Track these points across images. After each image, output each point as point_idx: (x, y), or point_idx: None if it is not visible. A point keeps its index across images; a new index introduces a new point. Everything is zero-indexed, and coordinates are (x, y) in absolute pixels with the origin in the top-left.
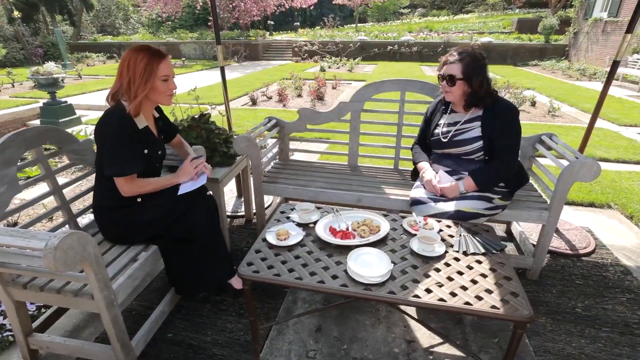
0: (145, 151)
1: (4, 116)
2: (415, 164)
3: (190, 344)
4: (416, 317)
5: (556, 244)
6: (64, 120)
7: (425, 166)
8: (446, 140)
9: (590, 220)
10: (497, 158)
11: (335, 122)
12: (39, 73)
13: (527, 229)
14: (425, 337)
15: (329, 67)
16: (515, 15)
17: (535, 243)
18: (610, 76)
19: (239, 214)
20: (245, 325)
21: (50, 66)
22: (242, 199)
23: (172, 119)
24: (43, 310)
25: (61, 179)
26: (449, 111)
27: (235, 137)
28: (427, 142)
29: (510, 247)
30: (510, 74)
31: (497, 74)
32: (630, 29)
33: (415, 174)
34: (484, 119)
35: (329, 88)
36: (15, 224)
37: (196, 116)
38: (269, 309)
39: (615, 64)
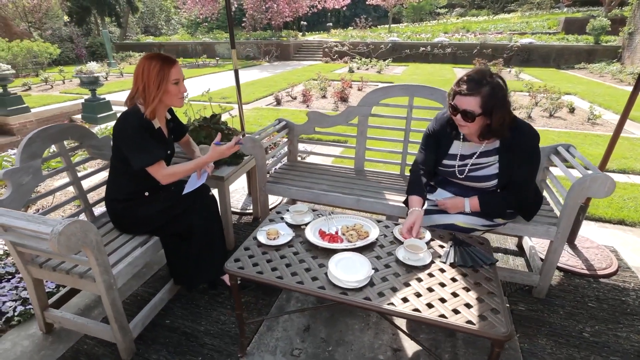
0: None
1: (53, 110)
2: (407, 193)
3: (184, 331)
4: (403, 328)
5: (572, 262)
6: (102, 116)
7: (413, 205)
8: (462, 175)
9: (617, 239)
10: (512, 190)
11: (347, 126)
12: (82, 72)
13: (539, 245)
14: (412, 346)
15: (358, 68)
16: (562, 15)
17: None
18: None
19: (247, 211)
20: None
21: (92, 65)
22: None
23: (184, 119)
24: (61, 288)
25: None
26: (462, 138)
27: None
28: (431, 167)
29: (519, 263)
30: (551, 77)
31: (536, 77)
32: None
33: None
34: (502, 152)
35: (354, 89)
36: (37, 210)
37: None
38: (263, 304)
39: None
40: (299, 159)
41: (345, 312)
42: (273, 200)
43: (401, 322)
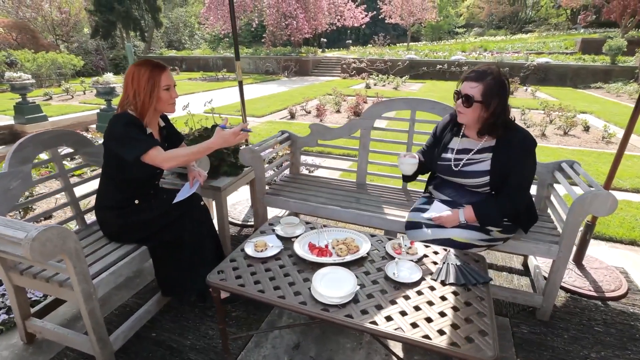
0: None
1: (69, 119)
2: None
3: (170, 345)
4: (398, 348)
5: (579, 282)
6: None
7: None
8: (457, 169)
9: (628, 260)
10: (505, 195)
11: (350, 139)
12: (99, 82)
13: (545, 264)
14: None
15: (375, 85)
16: (579, 35)
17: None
18: None
19: (249, 223)
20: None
21: (109, 76)
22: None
23: (185, 129)
24: (49, 297)
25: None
26: (461, 134)
27: (241, 148)
28: (430, 159)
29: (524, 283)
30: (567, 96)
31: (552, 95)
32: None
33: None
34: (496, 152)
35: (369, 105)
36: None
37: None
38: (254, 320)
39: None
40: (306, 172)
41: (337, 330)
42: (278, 212)
43: (395, 343)
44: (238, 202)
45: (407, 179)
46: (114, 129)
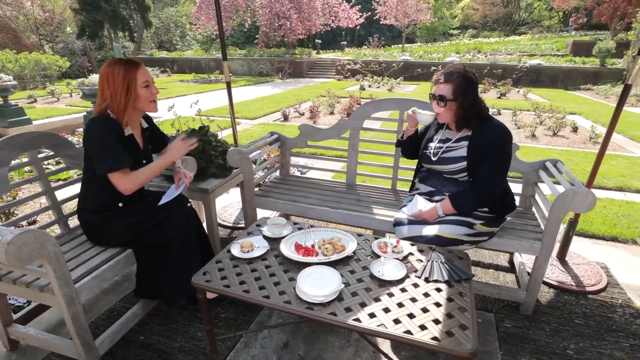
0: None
1: (55, 123)
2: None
3: (158, 348)
4: (386, 345)
5: (562, 278)
6: None
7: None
8: (435, 158)
9: (609, 256)
10: (479, 181)
11: (339, 140)
12: (84, 84)
13: (530, 261)
14: None
15: (370, 86)
16: (571, 38)
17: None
18: (622, 99)
19: (240, 225)
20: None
21: (95, 78)
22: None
23: (172, 130)
24: (33, 302)
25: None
26: (444, 127)
27: (229, 149)
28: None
29: (510, 279)
30: (557, 97)
31: (543, 97)
32: None
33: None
34: (472, 140)
35: None
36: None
37: (196, 129)
38: (243, 320)
39: (627, 88)
40: (298, 173)
41: (326, 328)
42: (269, 214)
43: (383, 340)
44: (229, 204)
45: (407, 153)
46: (91, 134)
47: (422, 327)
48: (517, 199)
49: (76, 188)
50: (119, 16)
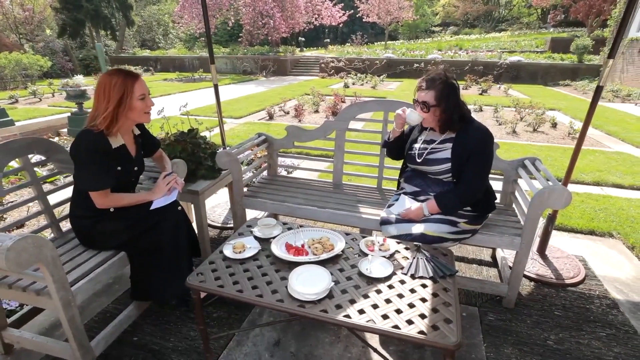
0: (119, 168)
1: (39, 124)
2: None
3: (151, 348)
4: (375, 340)
5: (542, 271)
6: None
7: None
8: (420, 159)
9: (587, 249)
10: (463, 182)
11: (326, 141)
12: (69, 85)
13: (512, 256)
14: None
15: (353, 84)
16: (549, 35)
17: None
18: (595, 100)
19: (229, 225)
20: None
21: (79, 79)
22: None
23: (162, 133)
24: (25, 306)
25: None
26: (427, 129)
27: (217, 151)
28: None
29: (492, 274)
30: (537, 93)
31: (523, 93)
32: (612, 54)
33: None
34: (456, 142)
35: (347, 104)
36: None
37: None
38: (235, 319)
39: (599, 89)
40: (284, 173)
41: (317, 326)
42: (257, 214)
43: (372, 335)
44: (217, 204)
45: (393, 154)
46: (77, 150)
47: (409, 322)
48: (497, 196)
49: (66, 192)
50: (100, 15)
